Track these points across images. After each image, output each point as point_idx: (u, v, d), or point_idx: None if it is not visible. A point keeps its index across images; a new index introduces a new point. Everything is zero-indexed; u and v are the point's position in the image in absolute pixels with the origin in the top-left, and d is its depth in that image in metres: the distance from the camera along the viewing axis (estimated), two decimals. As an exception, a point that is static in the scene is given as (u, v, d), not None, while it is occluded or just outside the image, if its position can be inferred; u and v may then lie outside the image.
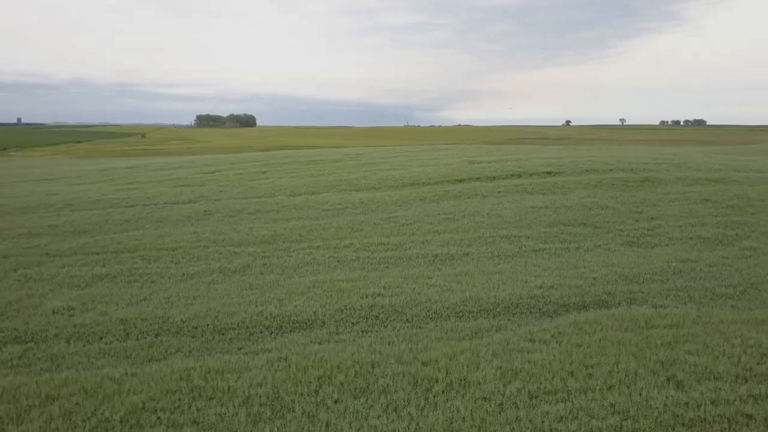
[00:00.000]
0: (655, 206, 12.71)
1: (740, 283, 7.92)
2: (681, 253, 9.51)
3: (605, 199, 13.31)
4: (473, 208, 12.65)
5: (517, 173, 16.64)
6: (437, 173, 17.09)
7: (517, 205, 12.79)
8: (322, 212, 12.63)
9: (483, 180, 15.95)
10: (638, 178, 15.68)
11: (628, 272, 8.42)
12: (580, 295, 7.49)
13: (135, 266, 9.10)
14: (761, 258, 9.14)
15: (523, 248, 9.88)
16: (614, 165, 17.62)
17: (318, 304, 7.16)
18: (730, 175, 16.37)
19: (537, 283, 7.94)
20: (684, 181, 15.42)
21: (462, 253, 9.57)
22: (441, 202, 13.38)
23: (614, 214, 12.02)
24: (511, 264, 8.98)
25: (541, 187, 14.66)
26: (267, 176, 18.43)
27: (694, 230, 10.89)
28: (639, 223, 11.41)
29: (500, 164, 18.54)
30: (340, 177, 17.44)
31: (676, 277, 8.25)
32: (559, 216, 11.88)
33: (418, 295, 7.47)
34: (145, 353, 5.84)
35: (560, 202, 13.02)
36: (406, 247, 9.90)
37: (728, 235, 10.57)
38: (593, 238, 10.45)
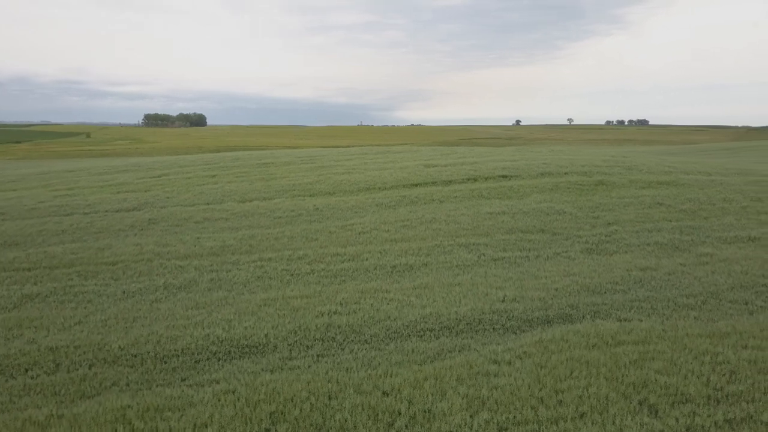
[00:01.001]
0: (610, 211, 12.70)
1: (701, 293, 7.85)
2: (640, 260, 9.44)
3: (562, 203, 13.23)
4: (430, 214, 12.36)
5: (472, 177, 16.46)
6: (393, 177, 16.76)
7: (474, 211, 12.57)
8: (274, 220, 12.11)
9: (439, 184, 15.70)
10: (592, 181, 15.73)
11: (590, 282, 8.26)
12: (543, 308, 7.25)
13: (70, 284, 8.42)
14: (718, 265, 9.14)
15: (482, 257, 9.63)
16: (568, 168, 17.66)
17: (270, 325, 6.70)
18: (680, 178, 16.60)
19: (499, 295, 7.67)
20: (636, 184, 15.54)
21: (420, 263, 9.24)
22: (398, 208, 13.04)
23: (572, 220, 11.92)
24: (471, 275, 8.70)
25: (498, 192, 14.50)
26: (216, 180, 17.72)
27: (651, 236, 10.88)
28: (596, 229, 11.34)
29: (456, 168, 18.35)
30: (292, 181, 16.91)
31: (638, 286, 8.13)
32: (517, 222, 11.70)
33: (377, 311, 7.10)
34: (76, 389, 5.27)
35: (517, 207, 12.87)
36: (364, 258, 9.51)
37: (684, 241, 10.59)
38: (552, 246, 10.29)
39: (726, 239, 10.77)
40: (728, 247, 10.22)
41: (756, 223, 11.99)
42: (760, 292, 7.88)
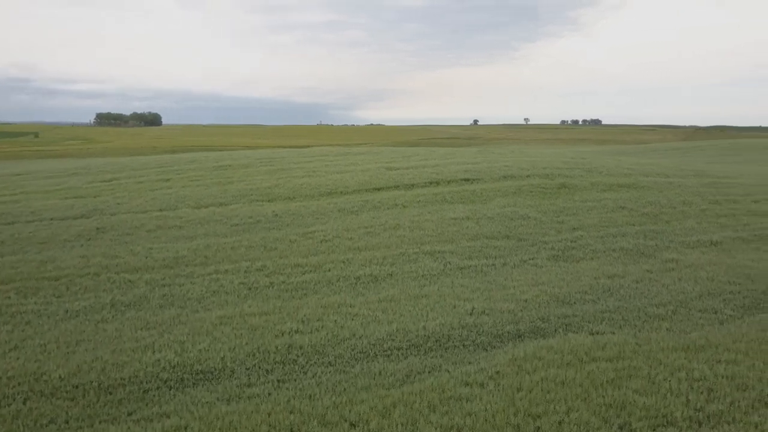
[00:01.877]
0: (574, 215, 12.61)
1: (670, 301, 7.74)
2: (607, 267, 9.32)
3: (526, 208, 13.09)
4: (394, 220, 12.03)
5: (435, 180, 16.22)
6: (355, 180, 16.39)
7: (438, 217, 12.30)
8: (231, 228, 11.59)
9: (402, 188, 15.40)
10: (554, 184, 15.68)
11: (559, 292, 8.06)
12: (513, 322, 7.01)
13: (8, 302, 7.77)
14: (684, 271, 9.08)
15: (448, 266, 9.35)
16: (530, 170, 17.61)
17: (226, 346, 6.25)
18: (639, 180, 16.72)
19: (467, 308, 7.39)
20: (598, 186, 15.56)
21: (386, 274, 8.90)
22: (360, 214, 12.68)
23: (536, 225, 11.78)
24: (438, 285, 8.41)
25: (461, 196, 14.29)
26: (170, 185, 17.02)
27: (616, 241, 10.80)
28: (562, 234, 11.21)
29: (418, 170, 18.09)
30: (251, 185, 16.35)
31: (607, 296, 7.98)
32: (482, 228, 11.49)
33: (341, 329, 6.72)
34: (7, 429, 4.73)
35: (481, 212, 12.66)
36: (326, 269, 9.11)
37: (648, 246, 10.54)
38: (519, 253, 10.10)
39: (689, 244, 10.77)
40: (692, 252, 10.22)
41: (716, 226, 12.08)
42: (727, 300, 7.81)
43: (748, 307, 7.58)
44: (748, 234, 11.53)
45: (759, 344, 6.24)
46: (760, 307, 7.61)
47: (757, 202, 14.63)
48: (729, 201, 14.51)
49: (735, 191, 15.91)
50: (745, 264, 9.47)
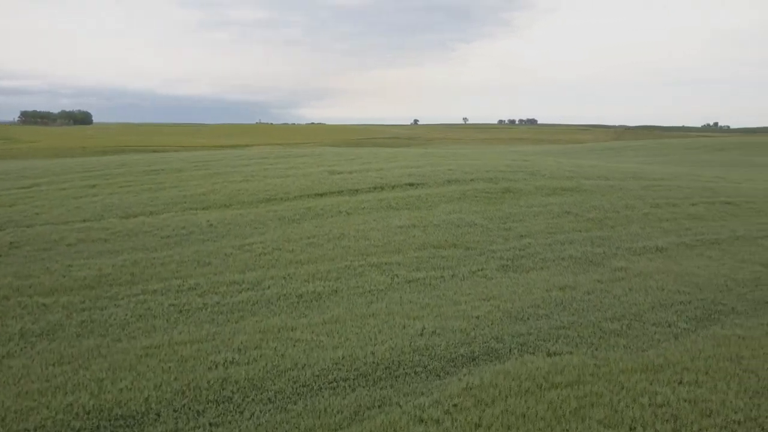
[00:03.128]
0: (521, 221, 12.41)
1: (624, 315, 7.53)
2: (557, 278, 9.08)
3: (472, 214, 12.80)
4: (338, 229, 11.49)
5: (379, 185, 15.76)
6: (296, 186, 15.73)
7: (383, 225, 11.84)
8: (162, 240, 10.76)
9: (345, 194, 14.86)
10: (499, 188, 15.51)
11: (511, 307, 7.73)
12: (467, 342, 6.61)
13: None
14: (634, 281, 8.95)
15: (396, 279, 8.89)
16: (474, 174, 17.41)
17: (152, 383, 5.56)
18: (582, 184, 16.77)
19: (417, 328, 6.95)
20: (542, 191, 15.48)
21: (330, 290, 8.36)
22: (302, 223, 12.06)
23: (483, 233, 11.49)
24: (386, 302, 7.93)
25: (406, 202, 13.88)
26: (96, 192, 15.88)
27: (564, 249, 10.62)
28: (509, 242, 10.95)
29: (361, 174, 17.60)
30: (184, 191, 15.43)
31: (560, 310, 7.70)
32: (429, 237, 11.10)
33: (282, 357, 6.14)
34: None
35: (427, 219, 12.28)
36: (265, 286, 8.48)
37: (596, 254, 10.40)
38: (467, 263, 9.75)
39: (636, 250, 10.71)
40: (639, 260, 10.14)
41: (660, 231, 12.12)
42: (680, 312, 7.67)
43: (701, 319, 7.46)
44: (691, 239, 11.60)
45: (717, 362, 6.06)
46: (712, 319, 7.50)
47: (695, 205, 14.88)
48: (669, 204, 14.69)
49: (673, 194, 16.17)
50: (692, 272, 9.44)
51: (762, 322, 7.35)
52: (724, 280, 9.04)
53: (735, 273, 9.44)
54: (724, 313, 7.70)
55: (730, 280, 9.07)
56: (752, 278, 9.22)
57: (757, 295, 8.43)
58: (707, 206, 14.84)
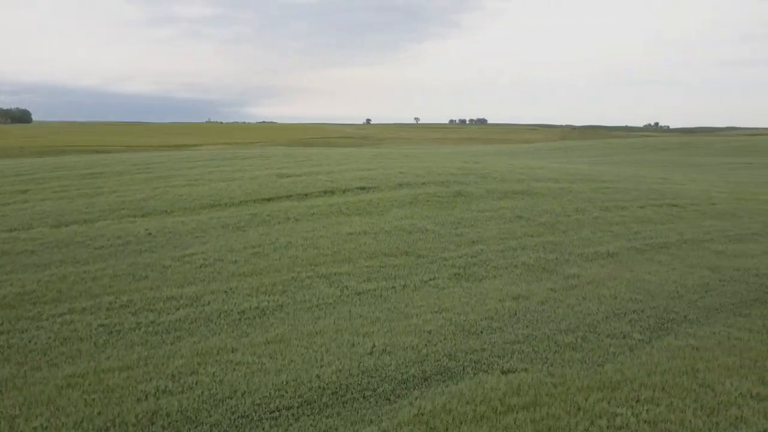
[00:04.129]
0: (473, 227, 12.21)
1: (578, 326, 7.35)
2: (510, 286, 8.87)
3: (423, 220, 12.53)
4: (286, 237, 11.01)
5: (330, 189, 15.34)
6: (242, 190, 15.14)
7: (333, 232, 11.43)
8: (95, 252, 10.06)
9: (294, 198, 14.38)
10: (450, 192, 15.31)
11: (464, 320, 7.46)
12: (418, 361, 6.28)
13: None
14: (587, 288, 8.82)
15: (345, 291, 8.51)
16: (425, 177, 17.19)
17: (72, 420, 5.02)
18: (532, 187, 16.76)
19: (367, 346, 6.59)
20: (494, 194, 15.37)
21: (275, 305, 7.90)
22: (248, 230, 11.53)
23: (435, 239, 11.22)
24: (334, 317, 7.53)
25: (357, 207, 13.51)
26: (27, 197, 14.90)
27: (517, 256, 10.45)
28: (461, 249, 10.71)
29: (311, 177, 17.12)
30: (123, 197, 14.64)
31: (514, 321, 7.47)
32: (380, 244, 10.75)
33: (220, 384, 5.67)
34: None
35: (378, 226, 11.94)
36: (205, 302, 7.96)
37: (549, 260, 10.27)
38: (419, 272, 9.45)
39: (587, 256, 10.63)
40: (591, 266, 10.04)
41: (610, 236, 12.11)
42: (634, 321, 7.56)
43: (654, 329, 7.35)
44: (640, 243, 11.63)
45: (673, 376, 5.92)
46: (665, 328, 7.40)
47: (643, 208, 15.02)
48: (618, 208, 14.78)
49: (621, 197, 16.31)
50: (643, 278, 9.39)
51: (713, 330, 7.29)
52: (674, 287, 9.01)
53: (685, 279, 9.44)
54: (676, 321, 7.62)
55: (681, 286, 9.06)
56: (701, 284, 9.23)
57: (707, 302, 8.41)
58: (655, 209, 15.01)
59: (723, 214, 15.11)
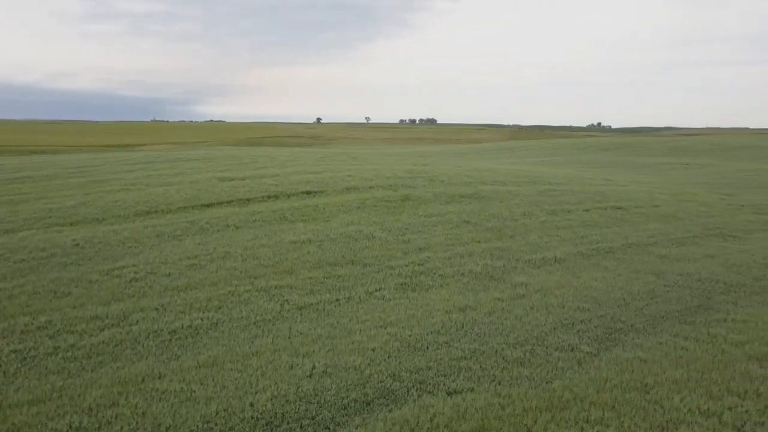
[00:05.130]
0: (420, 233, 11.95)
1: (526, 339, 7.15)
2: (458, 296, 8.63)
3: (370, 226, 12.19)
4: (224, 247, 10.48)
5: (274, 194, 14.83)
6: (180, 195, 14.47)
7: (276, 240, 10.96)
8: (14, 266, 9.30)
9: (236, 204, 13.81)
10: (398, 196, 15.04)
11: (410, 335, 7.15)
12: (360, 383, 5.93)
13: None
14: (535, 297, 8.66)
15: (286, 306, 8.08)
16: (373, 180, 16.88)
17: (-33, 468, 4.45)
18: (480, 190, 16.67)
19: (306, 368, 6.20)
20: (441, 198, 15.17)
21: (209, 324, 7.41)
22: (184, 240, 10.94)
23: (382, 247, 10.90)
24: (273, 335, 7.10)
25: (302, 213, 13.06)
26: (-56, 205, 13.82)
27: (464, 263, 10.23)
28: (408, 257, 10.42)
29: (255, 181, 16.56)
30: (51, 203, 13.76)
31: (461, 335, 7.21)
32: (325, 253, 10.36)
33: (142, 418, 5.18)
34: None
35: (324, 233, 11.53)
36: (133, 320, 7.39)
37: (496, 268, 10.09)
38: (364, 282, 9.10)
39: (535, 262, 10.51)
40: (539, 273, 9.92)
41: (557, 240, 12.06)
42: (581, 332, 7.41)
43: (602, 340, 7.22)
44: (587, 248, 11.61)
45: (622, 393, 5.76)
46: (613, 339, 7.28)
47: (588, 211, 15.11)
48: (564, 211, 14.81)
49: (567, 199, 16.39)
50: (590, 285, 9.31)
51: (660, 341, 7.22)
52: (621, 294, 8.95)
53: (631, 285, 9.41)
54: (623, 331, 7.52)
55: (627, 293, 9.01)
56: (647, 290, 9.21)
57: (653, 309, 8.37)
58: (600, 212, 15.11)
59: (665, 216, 15.35)
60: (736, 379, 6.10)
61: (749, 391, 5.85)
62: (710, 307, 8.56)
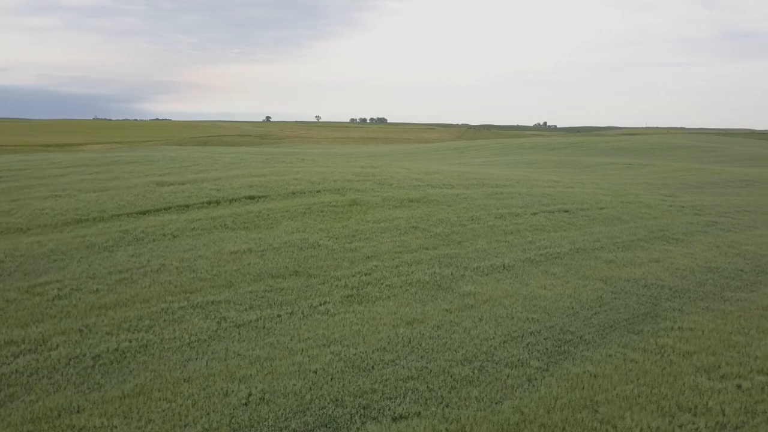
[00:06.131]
0: (368, 240, 11.61)
1: (475, 354, 6.91)
2: (405, 308, 8.33)
3: (316, 233, 11.78)
4: (159, 259, 9.88)
5: (215, 199, 14.21)
6: (115, 202, 13.68)
7: (215, 251, 10.42)
8: None
9: (174, 211, 13.14)
10: (346, 201, 14.66)
11: (355, 354, 6.81)
12: (300, 410, 5.54)
13: None
14: (483, 308, 8.44)
15: (223, 324, 7.60)
16: (321, 184, 16.43)
17: None
18: (428, 194, 16.45)
19: (242, 395, 5.77)
20: (390, 203, 14.87)
21: (138, 346, 6.87)
22: (116, 251, 10.26)
23: (328, 256, 10.50)
24: (207, 358, 6.63)
25: (244, 220, 12.52)
26: None
27: (412, 272, 9.95)
28: (355, 266, 10.07)
29: (195, 186, 15.86)
30: (-29, 212, 12.76)
31: (408, 352, 6.91)
32: (267, 263, 9.89)
33: (54, 462, 4.65)
34: None
35: (266, 241, 11.05)
36: (52, 345, 6.78)
37: (444, 276, 9.85)
38: (309, 295, 8.70)
39: (483, 270, 10.32)
40: (487, 281, 9.72)
41: (505, 246, 11.92)
42: (531, 346, 7.22)
43: (552, 353, 7.05)
44: (535, 254, 11.51)
45: (573, 412, 5.57)
46: (562, 352, 7.12)
47: (536, 215, 15.09)
48: (512, 215, 14.74)
49: (515, 202, 16.35)
50: (539, 293, 9.17)
51: (609, 353, 7.10)
52: (570, 303, 8.84)
53: (579, 293, 9.33)
54: (573, 343, 7.37)
55: (575, 301, 8.91)
56: (595, 297, 9.14)
57: (601, 318, 8.28)
58: (547, 215, 15.12)
59: (610, 219, 15.50)
60: (685, 394, 6.01)
61: (699, 406, 5.75)
62: (657, 314, 8.53)
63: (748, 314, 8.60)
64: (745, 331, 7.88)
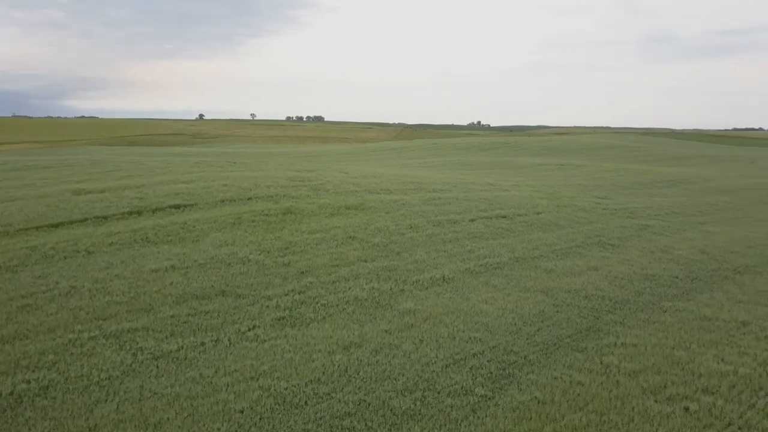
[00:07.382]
0: (302, 253, 11.00)
1: (416, 383, 6.46)
2: (342, 331, 7.80)
3: (246, 246, 11.07)
4: (69, 280, 8.96)
5: (136, 209, 13.24)
6: (23, 214, 12.51)
7: (134, 269, 9.57)
8: None
9: (90, 223, 12.12)
10: (280, 209, 13.98)
11: (286, 387, 6.23)
12: (223, 462, 4.93)
13: None
14: (423, 328, 8.02)
15: (139, 356, 6.86)
16: (252, 191, 15.67)
17: None
18: (366, 200, 15.97)
19: (157, 445, 5.09)
20: (326, 211, 14.30)
21: (37, 388, 6.05)
22: (20, 273, 9.26)
23: (258, 272, 9.84)
24: (117, 400, 5.90)
25: (167, 232, 11.66)
26: None
27: (349, 288, 9.43)
28: (288, 284, 9.46)
29: (116, 194, 14.80)
30: None
31: (344, 383, 6.40)
32: (191, 283, 9.14)
33: None
34: None
35: (191, 257, 10.27)
36: (-67, 391, 5.86)
37: (383, 292, 9.38)
38: (236, 319, 8.04)
39: (423, 283, 9.92)
40: (427, 296, 9.32)
41: (444, 257, 11.58)
42: (474, 369, 6.85)
43: (496, 378, 6.69)
44: (474, 264, 11.21)
45: (521, 449, 5.20)
46: (507, 375, 6.78)
47: (474, 221, 14.87)
48: (450, 222, 14.46)
49: (453, 208, 16.10)
50: (480, 309, 8.83)
51: (555, 374, 6.81)
52: (512, 318, 8.55)
53: (521, 306, 9.06)
54: (517, 365, 7.05)
55: (518, 317, 8.62)
56: (537, 312, 8.89)
57: (545, 335, 8.02)
58: (485, 222, 14.92)
59: (548, 224, 15.46)
60: (635, 420, 5.76)
61: (649, 434, 5.51)
62: (600, 329, 8.35)
63: (688, 326, 8.55)
64: (687, 345, 7.78)
